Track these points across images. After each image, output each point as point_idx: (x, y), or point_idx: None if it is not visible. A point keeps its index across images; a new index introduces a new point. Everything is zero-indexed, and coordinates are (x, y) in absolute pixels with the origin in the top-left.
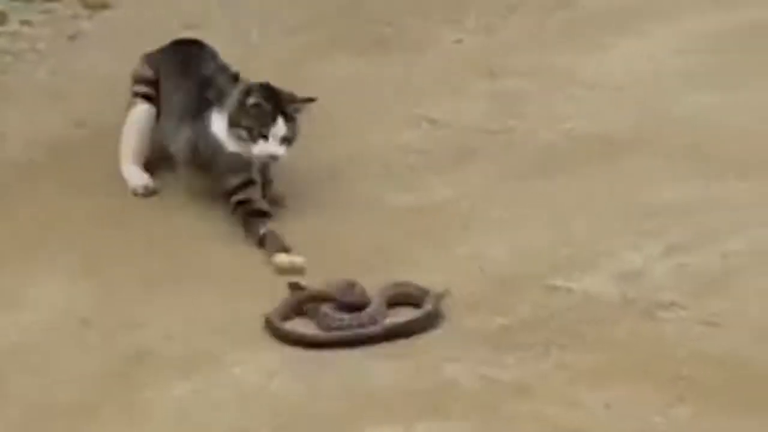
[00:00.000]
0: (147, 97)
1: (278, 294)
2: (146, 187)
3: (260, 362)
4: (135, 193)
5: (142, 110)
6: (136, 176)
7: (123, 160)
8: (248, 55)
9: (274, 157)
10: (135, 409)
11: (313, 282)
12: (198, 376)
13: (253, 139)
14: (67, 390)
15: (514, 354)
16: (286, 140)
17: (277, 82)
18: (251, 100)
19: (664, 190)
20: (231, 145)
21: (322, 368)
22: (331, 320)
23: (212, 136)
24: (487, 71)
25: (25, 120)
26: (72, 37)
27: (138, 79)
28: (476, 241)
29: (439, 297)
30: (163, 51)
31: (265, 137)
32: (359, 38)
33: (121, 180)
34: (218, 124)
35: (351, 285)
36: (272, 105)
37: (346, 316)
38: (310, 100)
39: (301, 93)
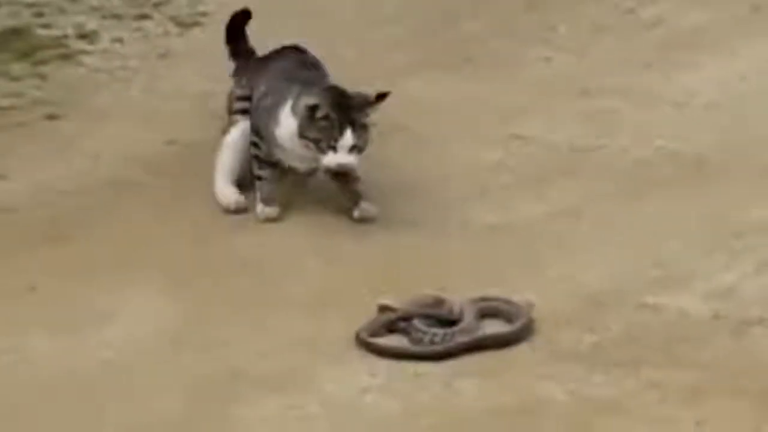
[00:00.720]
0: (246, 112)
1: (369, 312)
2: (238, 203)
3: (352, 379)
4: (227, 210)
5: (242, 128)
6: (229, 193)
7: (217, 178)
8: (342, 72)
9: (342, 167)
10: (228, 427)
11: (402, 297)
12: (290, 393)
13: (321, 150)
14: (160, 409)
15: (605, 372)
16: (356, 149)
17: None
18: (319, 113)
19: (754, 209)
20: (289, 142)
21: (413, 384)
22: (424, 334)
23: (274, 127)
24: (576, 89)
25: (118, 138)
26: (163, 55)
27: (237, 97)
28: (567, 259)
29: (530, 309)
30: (260, 59)
31: (334, 148)
32: (450, 56)
33: (212, 198)
34: (286, 121)
35: (439, 301)
36: (340, 115)
37: (440, 331)
38: (383, 96)
39: (393, 112)
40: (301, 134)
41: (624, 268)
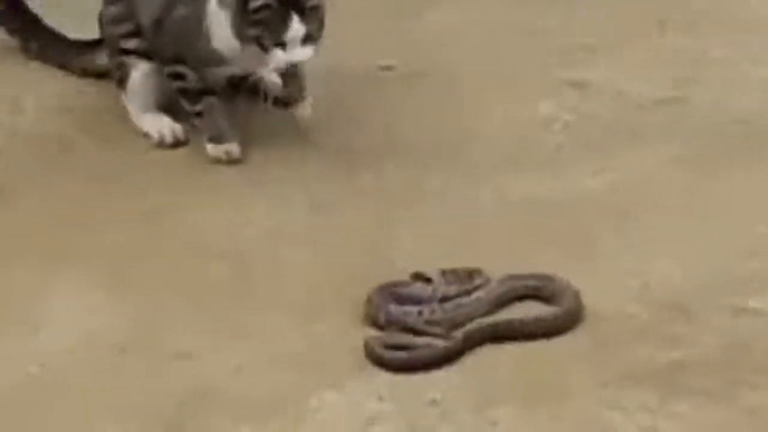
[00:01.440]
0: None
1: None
2: (174, 130)
3: (354, 404)
4: (162, 144)
5: (142, 71)
6: (157, 121)
7: (134, 111)
8: None
9: (295, 65)
10: None
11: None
12: (274, 422)
13: (266, 49)
14: None
15: (689, 398)
16: (310, 39)
17: (383, 34)
18: (254, 2)
19: None
20: (226, 46)
21: (432, 413)
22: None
23: (206, 31)
24: (654, 22)
25: (41, 83)
26: None
27: (120, 35)
28: (636, 248)
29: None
30: None
31: (281, 45)
32: None
33: (165, 162)
34: (218, 20)
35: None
36: (281, 2)
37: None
38: None
39: (411, 50)
40: (238, 34)
41: (710, 260)
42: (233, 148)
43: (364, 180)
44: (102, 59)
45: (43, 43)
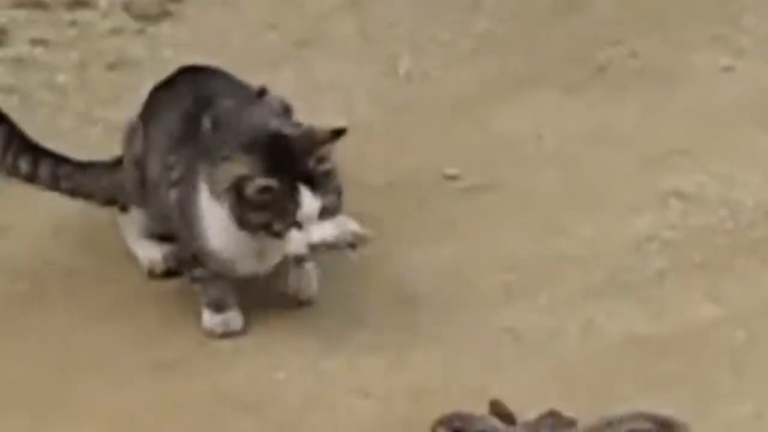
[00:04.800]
0: None
1: None
2: (152, 263)
3: None
4: (151, 273)
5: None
6: (146, 251)
7: (127, 236)
8: (394, 92)
9: (317, 247)
10: None
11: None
12: None
13: (278, 236)
14: None
15: None
16: (327, 211)
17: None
18: (252, 187)
19: None
20: (227, 246)
21: None
22: None
23: (198, 223)
24: (759, 115)
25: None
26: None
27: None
28: (757, 393)
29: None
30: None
31: (296, 224)
32: (569, 66)
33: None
34: (214, 214)
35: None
36: (285, 176)
37: None
38: (339, 133)
39: (474, 159)
40: (241, 225)
41: None
42: (236, 320)
43: (426, 318)
44: (96, 183)
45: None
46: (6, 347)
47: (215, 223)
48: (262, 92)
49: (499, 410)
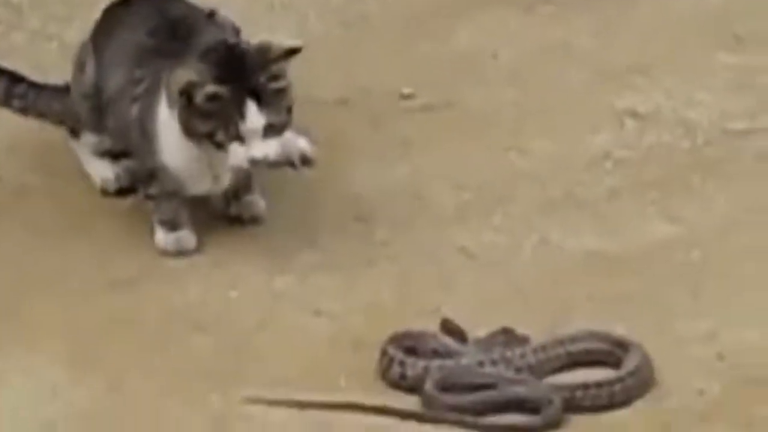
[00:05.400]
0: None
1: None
2: (104, 182)
3: None
4: (104, 192)
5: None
6: (97, 168)
7: (80, 153)
8: (349, 8)
9: (258, 163)
10: None
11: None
12: None
13: (220, 146)
14: None
15: None
16: (273, 129)
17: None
18: (201, 93)
19: None
20: (178, 160)
21: None
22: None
23: (156, 137)
24: (726, 36)
25: None
26: None
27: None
28: (708, 311)
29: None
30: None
31: (238, 138)
32: None
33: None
34: (169, 128)
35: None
36: (234, 86)
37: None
38: (294, 51)
39: (435, 76)
40: (187, 132)
41: None
42: (188, 239)
43: (379, 237)
44: (49, 105)
45: None
46: None
47: (171, 139)
48: (211, 14)
49: (450, 328)
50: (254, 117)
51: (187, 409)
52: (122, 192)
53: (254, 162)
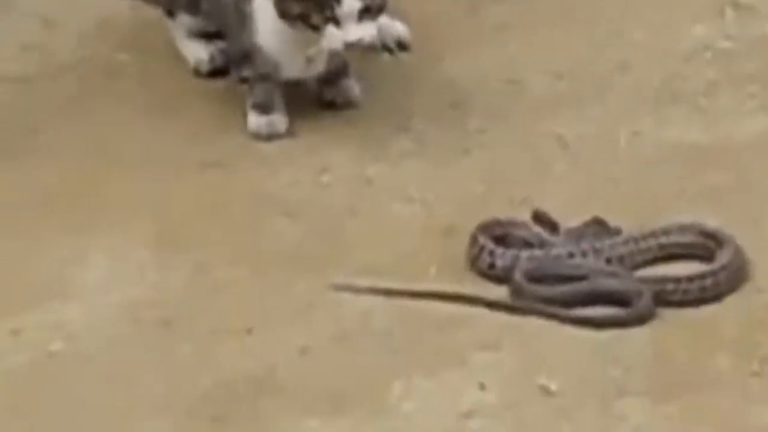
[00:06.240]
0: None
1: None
2: (198, 61)
3: (446, 390)
4: (197, 72)
5: None
6: (192, 49)
7: (176, 36)
8: None
9: (352, 46)
10: None
11: None
12: (348, 416)
13: (315, 28)
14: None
15: None
16: (368, 12)
17: None
18: None
19: None
20: (273, 42)
21: (544, 406)
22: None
23: (251, 18)
24: None
25: None
26: None
27: None
28: None
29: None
30: None
31: (334, 20)
32: None
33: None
34: (264, 8)
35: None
36: None
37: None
38: None
39: None
40: (281, 12)
41: None
42: (281, 122)
43: (472, 124)
44: None
45: None
46: (48, 144)
47: (266, 20)
48: None
49: (542, 218)
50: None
51: (273, 294)
52: (215, 73)
53: (349, 45)
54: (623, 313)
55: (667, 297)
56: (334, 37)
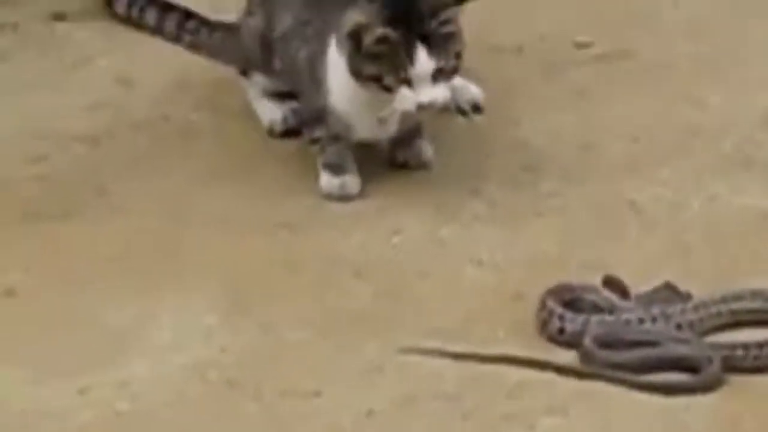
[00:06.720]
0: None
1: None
2: (272, 123)
3: None
4: (271, 133)
5: None
6: (266, 109)
7: (250, 94)
8: None
9: (425, 108)
10: None
11: None
12: None
13: (388, 89)
14: None
15: None
16: (441, 74)
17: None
18: (370, 36)
19: None
20: (346, 103)
21: None
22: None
23: (324, 79)
24: None
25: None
26: None
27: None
28: None
29: None
30: None
31: (406, 81)
32: None
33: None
34: (337, 70)
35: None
36: (403, 30)
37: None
38: None
39: (615, 26)
40: (354, 73)
41: None
42: (353, 183)
43: (545, 187)
44: (220, 42)
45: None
46: (120, 203)
47: (340, 81)
48: None
49: (612, 283)
50: (423, 61)
51: (341, 355)
52: (288, 134)
53: (422, 107)
54: (692, 379)
55: (737, 363)
56: (407, 99)
